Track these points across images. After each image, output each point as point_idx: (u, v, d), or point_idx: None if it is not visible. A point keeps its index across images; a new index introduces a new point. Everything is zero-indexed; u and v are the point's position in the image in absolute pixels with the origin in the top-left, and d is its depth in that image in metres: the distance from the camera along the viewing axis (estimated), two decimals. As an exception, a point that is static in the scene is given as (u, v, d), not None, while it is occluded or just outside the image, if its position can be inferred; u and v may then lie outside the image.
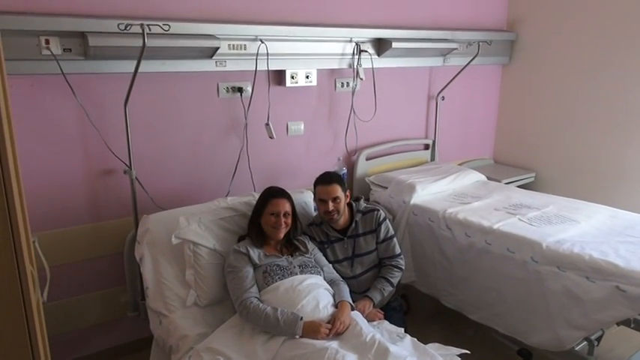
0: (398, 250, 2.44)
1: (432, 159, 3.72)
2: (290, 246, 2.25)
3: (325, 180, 2.34)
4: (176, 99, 2.57)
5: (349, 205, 2.43)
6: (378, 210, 2.44)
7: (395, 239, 2.45)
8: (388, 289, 2.34)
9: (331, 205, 2.30)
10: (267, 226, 2.19)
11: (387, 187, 3.11)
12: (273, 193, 2.24)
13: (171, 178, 2.64)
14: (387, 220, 2.45)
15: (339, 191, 2.31)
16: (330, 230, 2.40)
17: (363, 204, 2.46)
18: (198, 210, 2.33)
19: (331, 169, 2.89)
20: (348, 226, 2.40)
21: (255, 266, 2.10)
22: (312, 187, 2.44)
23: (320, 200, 2.34)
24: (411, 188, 2.98)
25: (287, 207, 2.21)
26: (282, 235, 2.19)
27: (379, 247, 2.42)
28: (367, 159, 3.34)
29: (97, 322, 2.59)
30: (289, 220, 2.21)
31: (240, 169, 2.81)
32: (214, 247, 2.22)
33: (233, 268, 2.07)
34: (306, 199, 2.58)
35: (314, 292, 2.00)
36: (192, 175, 2.71)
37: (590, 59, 3.50)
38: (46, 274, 1.61)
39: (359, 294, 2.34)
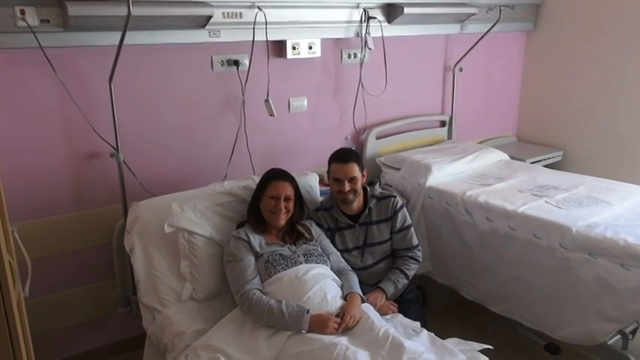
0: (415, 240, 2.43)
1: (449, 137, 3.70)
2: (293, 233, 2.25)
3: (342, 157, 2.33)
4: (166, 74, 2.56)
5: (363, 188, 2.42)
6: (395, 197, 2.43)
7: (412, 229, 2.44)
8: (402, 282, 2.34)
9: (348, 185, 2.29)
10: (266, 211, 2.19)
11: (399, 169, 3.10)
12: (274, 175, 2.24)
13: (163, 161, 2.64)
14: (405, 208, 2.45)
15: (356, 170, 2.30)
16: (340, 216, 2.39)
17: (378, 189, 2.45)
18: (192, 195, 2.33)
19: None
20: (361, 212, 2.39)
21: (256, 255, 2.10)
22: (317, 168, 2.43)
23: (335, 179, 2.33)
24: (427, 169, 2.96)
25: (289, 191, 2.20)
26: (282, 222, 2.19)
27: (394, 238, 2.42)
28: (377, 138, 3.33)
29: (84, 319, 2.60)
30: (290, 206, 2.21)
31: (237, 151, 2.81)
32: (211, 236, 2.21)
33: (233, 257, 2.07)
34: (310, 182, 2.57)
35: (321, 282, 2.00)
36: (185, 158, 2.70)
37: (625, 24, 3.44)
38: (27, 267, 1.60)
39: (369, 286, 2.34)
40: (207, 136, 2.74)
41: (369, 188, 2.43)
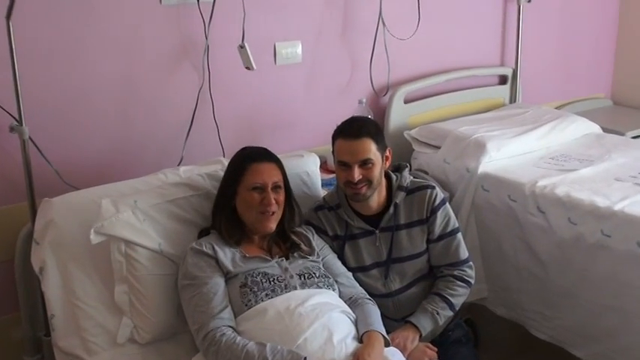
0: (464, 253, 2.42)
1: (513, 100, 3.70)
2: (284, 242, 2.24)
3: (351, 131, 2.29)
4: (92, 9, 2.54)
5: (386, 176, 2.40)
6: (433, 187, 2.41)
7: (460, 236, 2.43)
8: (445, 314, 2.32)
9: (358, 173, 2.25)
10: (249, 212, 2.17)
11: (438, 147, 3.11)
12: (251, 156, 2.21)
13: (88, 137, 2.63)
14: (448, 205, 2.43)
15: (372, 150, 2.26)
16: (352, 217, 2.37)
17: (408, 177, 2.43)
18: (132, 188, 2.32)
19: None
20: (383, 212, 2.38)
21: (227, 276, 2.08)
22: (317, 147, 2.43)
23: (340, 164, 2.30)
24: (479, 148, 2.96)
25: (276, 176, 2.19)
26: (273, 226, 2.18)
27: (432, 249, 2.41)
28: (406, 101, 3.33)
29: (-25, 371, 2.60)
30: (281, 198, 2.19)
31: (199, 122, 2.81)
32: (160, 248, 2.20)
33: (192, 280, 2.06)
34: (307, 166, 2.56)
35: (324, 317, 1.98)
36: (121, 133, 2.70)
37: None
38: None
39: (396, 321, 2.33)
40: (153, 101, 2.74)
41: (394, 176, 2.41)
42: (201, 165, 2.46)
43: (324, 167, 2.84)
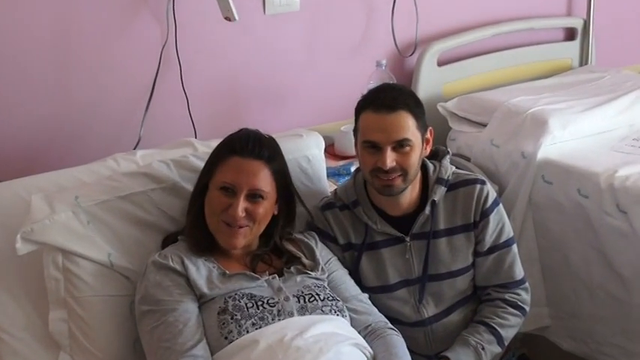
0: (520, 271, 2.43)
1: (584, 62, 3.72)
2: (278, 256, 2.25)
3: (384, 101, 2.27)
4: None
5: (422, 165, 2.38)
6: (484, 182, 2.41)
7: (515, 248, 2.43)
8: (492, 350, 2.33)
9: (391, 158, 2.24)
10: (210, 217, 2.16)
11: (484, 125, 3.12)
12: (235, 144, 2.19)
13: (12, 113, 2.65)
14: (501, 206, 2.43)
15: (410, 128, 2.24)
16: (374, 219, 2.37)
17: (449, 167, 2.42)
18: (72, 180, 2.32)
19: (367, 85, 2.84)
20: (416, 212, 2.37)
21: (201, 299, 2.08)
22: (322, 125, 2.43)
23: (367, 144, 2.28)
24: (539, 126, 2.96)
25: (261, 180, 2.15)
26: (238, 243, 2.16)
27: (480, 264, 2.41)
28: (440, 63, 3.35)
29: None
30: (259, 211, 2.16)
31: (162, 91, 2.82)
32: (110, 261, 2.19)
33: (155, 305, 2.04)
34: (308, 149, 2.56)
35: (330, 352, 1.96)
36: (57, 107, 2.71)
37: None
38: None
39: (428, 358, 2.34)
40: (99, 64, 2.75)
41: (431, 165, 2.41)
42: (165, 148, 2.47)
43: (329, 151, 2.83)
